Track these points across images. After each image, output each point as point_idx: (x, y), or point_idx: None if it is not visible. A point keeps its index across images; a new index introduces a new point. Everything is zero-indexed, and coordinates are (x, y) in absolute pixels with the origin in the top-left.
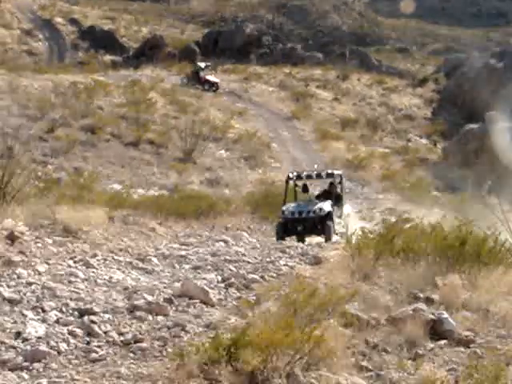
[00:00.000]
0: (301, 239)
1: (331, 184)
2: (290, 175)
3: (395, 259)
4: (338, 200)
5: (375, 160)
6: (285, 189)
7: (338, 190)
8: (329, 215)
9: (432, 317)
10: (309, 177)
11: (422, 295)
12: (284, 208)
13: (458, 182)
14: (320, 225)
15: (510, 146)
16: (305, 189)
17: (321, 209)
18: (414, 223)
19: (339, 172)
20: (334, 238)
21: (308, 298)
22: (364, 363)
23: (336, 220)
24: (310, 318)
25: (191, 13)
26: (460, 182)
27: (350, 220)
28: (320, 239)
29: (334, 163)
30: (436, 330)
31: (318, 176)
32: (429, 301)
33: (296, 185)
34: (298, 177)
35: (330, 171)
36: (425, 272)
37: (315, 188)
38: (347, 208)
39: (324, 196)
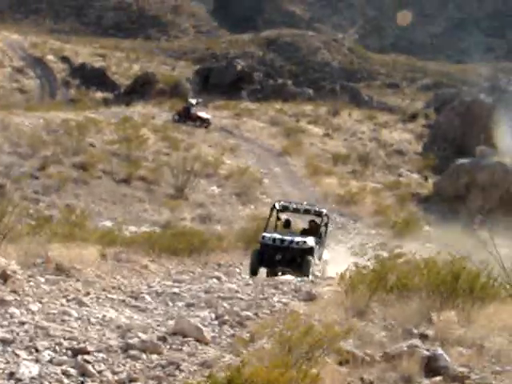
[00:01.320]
0: (272, 273)
1: (313, 223)
2: (277, 205)
3: (389, 295)
4: (320, 241)
5: (367, 195)
6: (268, 215)
7: (322, 230)
8: (311, 250)
9: (427, 353)
10: (296, 210)
11: (416, 331)
12: (265, 233)
13: (449, 216)
14: (300, 259)
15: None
16: (287, 224)
17: (304, 241)
18: (407, 258)
19: (327, 212)
20: (310, 277)
21: (303, 336)
22: None
23: (316, 261)
24: (306, 356)
25: (182, 50)
26: (451, 217)
27: (327, 268)
28: (290, 278)
29: (326, 198)
30: (431, 367)
31: (306, 211)
32: (423, 337)
33: (278, 218)
34: (284, 208)
35: (319, 209)
36: (419, 308)
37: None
38: (326, 254)
39: (306, 234)
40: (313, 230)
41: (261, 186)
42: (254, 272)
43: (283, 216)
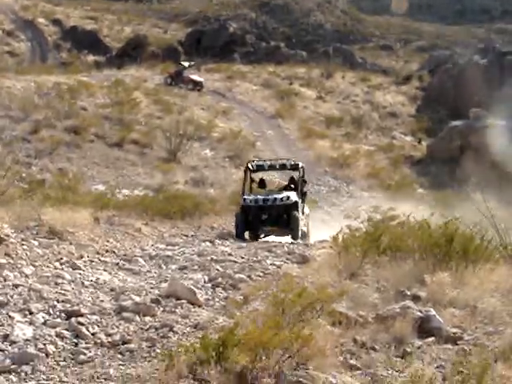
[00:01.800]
0: (255, 235)
1: (292, 178)
2: (250, 165)
3: (382, 257)
4: (302, 196)
5: (360, 158)
6: (243, 178)
7: (300, 184)
8: (296, 205)
9: (420, 314)
10: (271, 167)
11: (409, 293)
12: (245, 196)
13: (442, 179)
14: (286, 215)
15: (498, 143)
16: (262, 184)
17: (288, 197)
18: (400, 220)
19: (303, 165)
20: (299, 233)
21: (296, 297)
22: (352, 361)
23: (300, 215)
24: (298, 318)
25: (174, 12)
26: (445, 179)
27: (309, 221)
28: (278, 239)
29: (319, 161)
30: (424, 328)
31: (282, 167)
32: (416, 298)
33: (252, 179)
34: (259, 167)
35: (294, 162)
36: (412, 270)
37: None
38: (306, 209)
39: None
40: (293, 185)
41: (254, 149)
42: (240, 236)
43: (257, 176)
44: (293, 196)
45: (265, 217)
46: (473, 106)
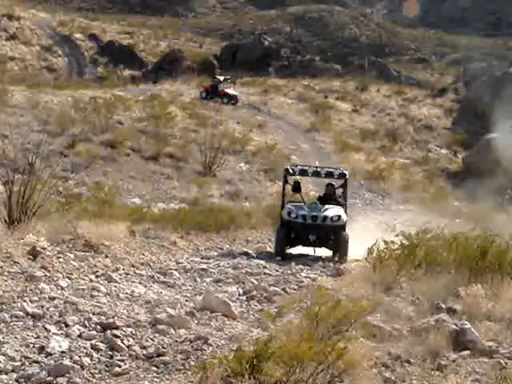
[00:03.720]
0: (283, 253)
1: (331, 186)
2: (291, 169)
3: (417, 270)
4: (345, 209)
5: (395, 171)
6: (282, 186)
7: (339, 195)
8: (345, 226)
9: (455, 327)
10: (316, 174)
11: (444, 306)
12: (290, 209)
13: (479, 192)
14: (334, 236)
15: None
16: (296, 188)
17: (339, 217)
18: (435, 234)
19: (347, 173)
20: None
21: (330, 310)
22: (387, 374)
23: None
24: (333, 330)
25: (209, 27)
26: (481, 192)
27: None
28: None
29: (354, 174)
30: (459, 341)
31: (328, 175)
32: (451, 311)
33: (286, 181)
34: (302, 172)
35: (342, 171)
36: (447, 283)
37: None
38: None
39: (324, 201)
40: (330, 195)
41: (289, 163)
42: (280, 254)
43: (292, 178)
44: (343, 215)
45: (313, 237)
46: (509, 119)
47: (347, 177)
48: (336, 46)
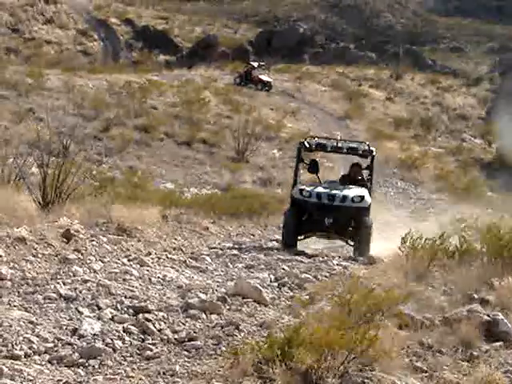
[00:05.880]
0: (292, 241)
1: (356, 166)
2: (307, 143)
3: (450, 260)
4: (370, 191)
5: (429, 160)
6: (296, 163)
7: (365, 176)
8: (369, 210)
9: (487, 318)
10: (336, 149)
11: (476, 296)
12: (302, 187)
13: None
14: (356, 222)
15: None
16: (313, 167)
17: (362, 197)
18: (469, 223)
19: (374, 150)
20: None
21: (362, 298)
22: (418, 364)
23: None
24: (364, 319)
25: (244, 12)
26: None
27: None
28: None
29: (387, 163)
30: (491, 332)
31: (351, 151)
32: (484, 302)
33: (302, 159)
34: (320, 146)
35: (369, 146)
36: (480, 273)
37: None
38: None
39: (346, 182)
40: (355, 176)
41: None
42: (289, 243)
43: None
44: (367, 196)
45: (329, 221)
46: None
47: (374, 154)
48: (371, 33)
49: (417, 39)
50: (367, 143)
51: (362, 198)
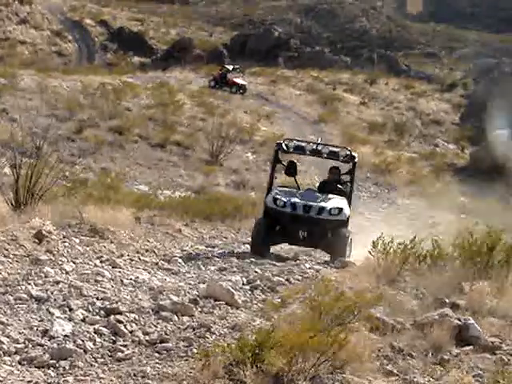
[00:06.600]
0: (262, 252)
1: (335, 169)
2: (284, 145)
3: (421, 265)
4: (349, 201)
5: (402, 165)
6: (271, 166)
7: (344, 183)
8: (347, 222)
9: (458, 322)
10: (315, 152)
11: (448, 301)
12: (277, 194)
13: (485, 188)
14: (332, 234)
15: None
16: (291, 169)
17: (340, 210)
18: (441, 229)
19: (356, 156)
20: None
21: (334, 301)
22: (389, 367)
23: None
24: (336, 321)
25: (219, 15)
26: (488, 189)
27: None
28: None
29: (361, 167)
30: (462, 336)
31: (332, 155)
32: (455, 306)
33: (279, 160)
34: (298, 148)
35: (351, 152)
36: (451, 278)
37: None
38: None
39: (325, 190)
40: (334, 181)
41: (297, 157)
42: (258, 251)
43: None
44: (346, 208)
45: (303, 234)
46: None
47: (356, 160)
48: (346, 38)
49: (391, 44)
50: (349, 148)
51: (341, 210)
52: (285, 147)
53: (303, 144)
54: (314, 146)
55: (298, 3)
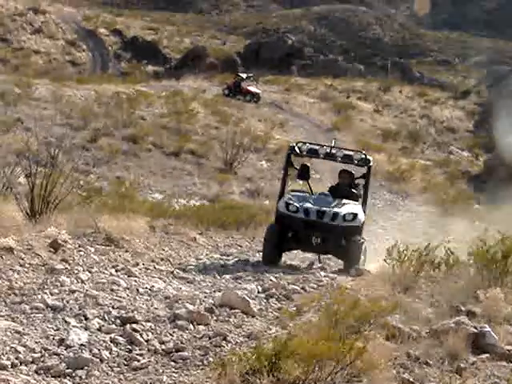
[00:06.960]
0: (273, 258)
1: (346, 173)
2: (297, 148)
3: (436, 272)
4: (364, 206)
5: (416, 172)
6: (284, 169)
7: (359, 187)
8: (361, 228)
9: (474, 330)
10: (330, 156)
11: (463, 308)
12: (290, 200)
13: (500, 195)
14: (346, 241)
15: None
16: (303, 173)
17: (355, 215)
18: (456, 236)
19: (371, 160)
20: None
21: (349, 310)
22: (405, 376)
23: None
24: (352, 330)
25: (233, 24)
26: (502, 196)
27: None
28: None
29: (375, 175)
30: (478, 344)
31: (346, 159)
32: (471, 314)
33: (291, 163)
34: (312, 152)
35: (366, 156)
36: (467, 285)
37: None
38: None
39: (337, 194)
40: (346, 186)
41: (309, 162)
42: (269, 260)
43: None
44: (360, 213)
45: (316, 240)
46: None
47: (371, 164)
48: (359, 46)
49: (405, 52)
50: (364, 152)
51: (355, 215)
52: (298, 150)
53: (317, 147)
54: (328, 150)
55: (312, 11)
